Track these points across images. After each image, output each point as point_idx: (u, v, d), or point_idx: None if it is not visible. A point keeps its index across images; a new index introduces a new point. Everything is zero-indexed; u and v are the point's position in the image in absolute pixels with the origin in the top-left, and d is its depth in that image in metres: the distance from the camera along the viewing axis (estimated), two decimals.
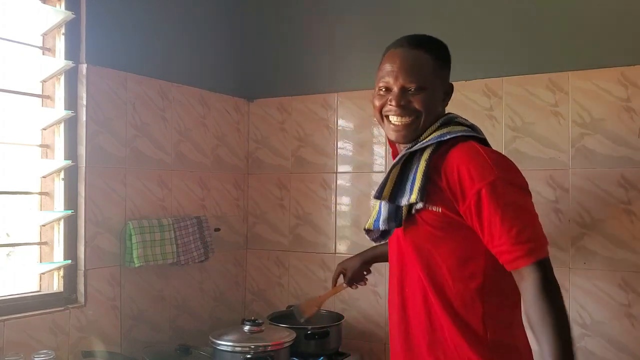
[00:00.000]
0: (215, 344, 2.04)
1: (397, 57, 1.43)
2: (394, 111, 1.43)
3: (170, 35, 2.42)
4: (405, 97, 1.42)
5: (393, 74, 1.42)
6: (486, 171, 1.30)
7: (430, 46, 1.45)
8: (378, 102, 1.46)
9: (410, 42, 1.45)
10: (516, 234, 1.26)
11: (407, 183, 1.39)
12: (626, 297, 2.02)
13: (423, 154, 1.39)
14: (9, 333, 1.79)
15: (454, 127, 1.42)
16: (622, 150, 2.04)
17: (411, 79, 1.41)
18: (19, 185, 2.05)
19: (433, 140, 1.39)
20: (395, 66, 1.42)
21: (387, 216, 1.42)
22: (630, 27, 2.04)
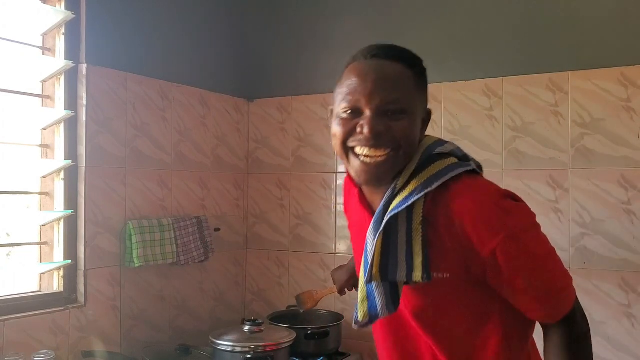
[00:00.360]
0: (215, 344, 2.04)
1: (370, 70, 1.09)
2: (365, 141, 1.07)
3: (170, 35, 2.42)
4: (382, 122, 1.07)
5: (366, 90, 1.07)
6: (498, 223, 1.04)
7: (410, 59, 1.14)
8: (342, 128, 1.09)
9: (387, 52, 1.12)
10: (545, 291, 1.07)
11: (399, 253, 1.09)
12: (626, 297, 2.02)
13: (412, 213, 1.08)
14: (9, 333, 1.79)
15: (439, 164, 1.10)
16: (622, 150, 2.04)
17: (392, 97, 1.07)
18: (19, 185, 2.05)
19: (420, 193, 1.06)
20: (369, 80, 1.08)
21: (386, 300, 1.11)
22: (630, 27, 2.04)
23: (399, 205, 1.08)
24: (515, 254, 1.04)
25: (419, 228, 1.07)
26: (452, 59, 2.34)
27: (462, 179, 1.09)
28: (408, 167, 1.11)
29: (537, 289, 1.07)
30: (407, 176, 1.11)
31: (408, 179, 1.10)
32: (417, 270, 1.07)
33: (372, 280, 1.10)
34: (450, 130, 2.30)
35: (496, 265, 1.05)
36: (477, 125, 2.27)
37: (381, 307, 1.11)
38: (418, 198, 1.06)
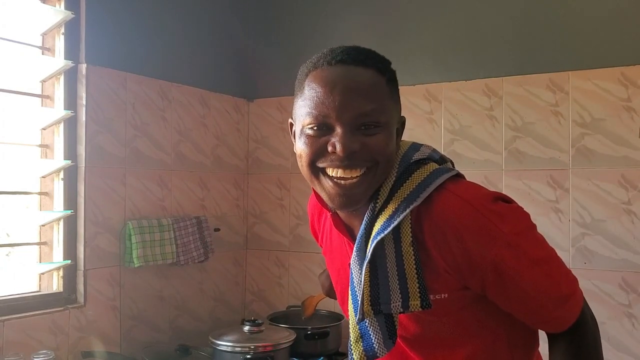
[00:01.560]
0: (215, 344, 2.04)
1: (337, 79, 0.94)
2: (339, 162, 0.94)
3: (170, 35, 2.42)
4: (356, 139, 0.94)
5: (334, 103, 0.93)
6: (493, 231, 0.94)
7: (381, 64, 1.00)
8: (309, 148, 0.97)
9: (354, 57, 0.98)
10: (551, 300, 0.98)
11: (391, 280, 0.97)
12: (626, 297, 2.02)
13: (400, 233, 0.97)
14: (9, 333, 1.79)
15: (420, 173, 0.99)
16: (622, 150, 2.03)
17: (365, 109, 0.93)
18: (19, 185, 2.05)
19: (405, 211, 0.95)
20: (337, 91, 0.93)
21: (382, 336, 1.00)
22: (630, 27, 2.04)
23: (383, 228, 0.96)
24: (514, 263, 0.94)
25: (410, 250, 0.96)
26: (452, 59, 2.34)
27: (446, 187, 0.97)
28: (386, 181, 1.00)
29: (541, 298, 0.97)
30: (386, 192, 0.99)
31: (388, 196, 0.99)
32: (415, 298, 0.96)
33: (365, 318, 0.99)
34: (450, 130, 2.30)
35: (496, 277, 0.95)
36: (477, 125, 2.27)
37: (378, 344, 1.00)
38: (404, 217, 0.95)
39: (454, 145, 2.30)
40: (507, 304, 1.00)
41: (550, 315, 0.99)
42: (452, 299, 1.00)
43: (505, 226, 0.94)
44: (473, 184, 1.03)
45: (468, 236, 0.94)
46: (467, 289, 0.99)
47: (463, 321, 1.04)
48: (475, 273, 0.96)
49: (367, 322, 1.00)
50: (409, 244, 0.96)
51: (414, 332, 1.06)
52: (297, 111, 1.00)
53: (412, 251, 0.96)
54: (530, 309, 0.99)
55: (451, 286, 0.99)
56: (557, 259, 1.03)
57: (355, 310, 1.00)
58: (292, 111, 1.02)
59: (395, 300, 0.97)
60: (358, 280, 1.00)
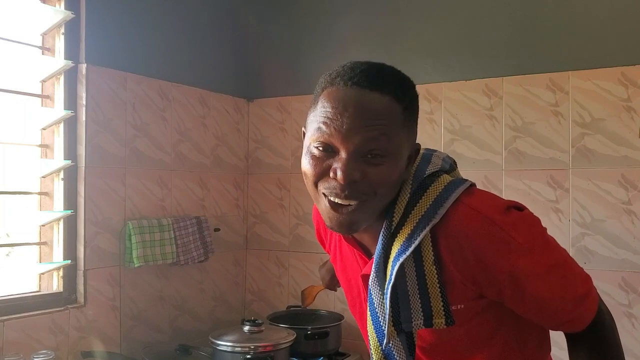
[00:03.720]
0: (215, 344, 2.04)
1: (349, 102, 0.92)
2: (339, 190, 0.93)
3: (170, 35, 2.42)
4: (359, 168, 0.92)
5: (343, 126, 0.91)
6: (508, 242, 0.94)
7: (400, 89, 0.96)
8: (313, 169, 0.96)
9: (371, 80, 0.93)
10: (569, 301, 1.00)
11: (412, 299, 0.97)
12: (626, 297, 2.02)
13: (421, 253, 0.96)
14: (9, 333, 1.79)
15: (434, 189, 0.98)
16: (622, 150, 2.04)
17: (373, 138, 0.91)
18: (19, 185, 2.05)
19: (424, 229, 0.95)
20: (347, 115, 0.91)
21: (404, 354, 1.00)
22: (630, 27, 2.04)
23: (403, 250, 0.96)
24: (530, 271, 0.95)
25: (433, 269, 0.95)
26: (452, 59, 2.34)
27: (461, 200, 0.97)
28: (400, 199, 0.99)
29: (559, 301, 0.98)
30: (401, 210, 0.98)
31: (403, 214, 0.98)
32: (439, 316, 0.96)
33: (390, 340, 0.98)
34: (451, 130, 2.30)
35: (513, 286, 0.95)
36: (477, 125, 2.27)
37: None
38: (424, 236, 0.95)
39: (453, 145, 2.30)
40: (525, 310, 1.00)
41: (568, 317, 1.01)
42: (468, 308, 1.00)
43: (519, 236, 0.94)
44: (486, 194, 1.03)
45: (485, 248, 0.94)
46: (482, 297, 1.00)
47: (476, 328, 1.04)
48: (492, 283, 0.96)
49: (391, 342, 1.00)
50: (432, 262, 0.96)
51: (430, 342, 1.06)
52: (308, 124, 0.99)
53: (435, 270, 0.96)
54: (548, 312, 1.00)
55: (467, 297, 0.99)
56: (569, 260, 1.03)
57: (376, 330, 1.01)
58: (306, 120, 1.01)
59: (416, 318, 0.97)
60: (379, 301, 0.99)
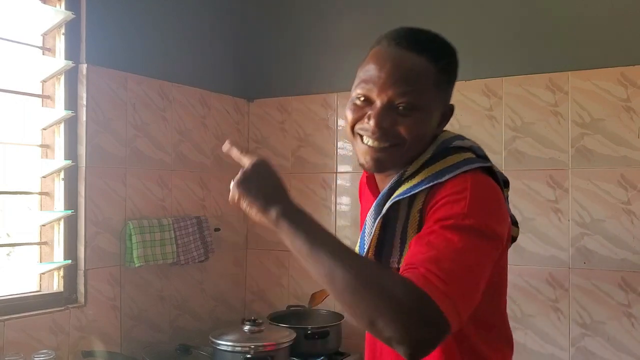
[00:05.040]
0: (215, 343, 2.04)
1: (388, 59, 1.05)
2: (370, 132, 1.06)
3: (170, 35, 2.42)
4: (389, 116, 1.05)
5: (379, 80, 1.04)
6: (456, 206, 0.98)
7: (437, 52, 1.08)
8: (352, 114, 1.09)
9: (410, 41, 1.06)
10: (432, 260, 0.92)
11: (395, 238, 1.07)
12: (626, 297, 2.02)
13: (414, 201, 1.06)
14: (9, 333, 1.79)
15: (451, 159, 1.08)
16: (621, 150, 2.04)
17: (404, 92, 1.03)
18: (19, 185, 2.06)
19: (428, 184, 1.04)
20: (385, 71, 1.04)
21: None
22: (630, 27, 2.04)
23: (403, 193, 1.06)
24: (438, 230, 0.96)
25: (417, 215, 1.05)
26: None
27: (469, 173, 1.04)
28: (422, 156, 1.10)
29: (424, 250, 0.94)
30: (418, 165, 1.09)
31: (419, 169, 1.09)
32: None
33: None
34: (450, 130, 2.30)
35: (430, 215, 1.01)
36: (477, 125, 2.27)
37: None
38: (424, 188, 1.05)
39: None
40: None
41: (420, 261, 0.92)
42: None
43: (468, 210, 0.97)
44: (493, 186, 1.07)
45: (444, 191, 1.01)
46: None
47: None
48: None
49: None
50: (417, 210, 1.05)
51: None
52: (356, 77, 1.10)
53: (418, 217, 1.05)
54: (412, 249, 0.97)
55: None
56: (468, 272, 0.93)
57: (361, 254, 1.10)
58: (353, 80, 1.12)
59: (394, 255, 1.07)
60: (369, 231, 1.11)
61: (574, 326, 2.09)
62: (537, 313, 2.14)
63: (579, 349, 2.07)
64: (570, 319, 2.10)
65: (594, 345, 2.06)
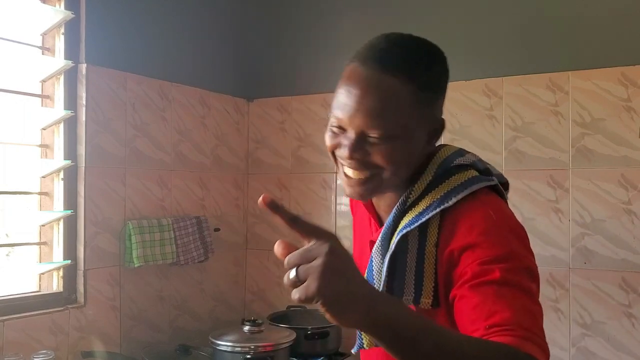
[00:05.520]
0: (215, 344, 2.04)
1: (358, 84, 0.94)
2: (346, 163, 0.98)
3: (170, 35, 2.42)
4: (361, 148, 0.95)
5: (349, 109, 0.94)
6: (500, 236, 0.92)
7: (416, 68, 0.96)
8: (329, 141, 1.01)
9: (383, 61, 0.94)
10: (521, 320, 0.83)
11: (407, 274, 0.99)
12: (626, 297, 2.02)
13: (427, 232, 0.98)
14: (9, 333, 1.79)
15: (458, 177, 0.99)
16: (622, 150, 2.03)
17: (375, 125, 0.93)
18: (19, 185, 2.05)
19: (435, 210, 0.96)
20: (355, 99, 0.94)
21: None
22: (630, 27, 2.04)
23: (410, 223, 0.98)
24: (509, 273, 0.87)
25: (433, 250, 0.96)
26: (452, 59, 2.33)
27: (479, 195, 0.97)
28: (423, 178, 1.01)
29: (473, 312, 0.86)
30: (420, 189, 1.00)
31: (422, 193, 1.00)
32: (427, 296, 0.96)
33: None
34: (450, 130, 2.30)
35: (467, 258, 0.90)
36: (477, 125, 2.27)
37: None
38: (432, 215, 0.96)
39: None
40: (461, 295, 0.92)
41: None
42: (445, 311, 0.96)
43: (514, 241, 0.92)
44: (506, 206, 1.01)
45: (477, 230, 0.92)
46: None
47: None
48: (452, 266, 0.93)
49: None
50: (433, 244, 0.97)
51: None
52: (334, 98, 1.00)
53: (435, 252, 0.96)
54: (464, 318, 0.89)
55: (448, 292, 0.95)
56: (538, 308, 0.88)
57: None
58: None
59: (408, 294, 0.98)
60: (378, 270, 1.02)
61: (574, 326, 2.08)
62: None
63: (580, 349, 2.07)
64: (570, 319, 2.09)
65: (594, 346, 2.06)
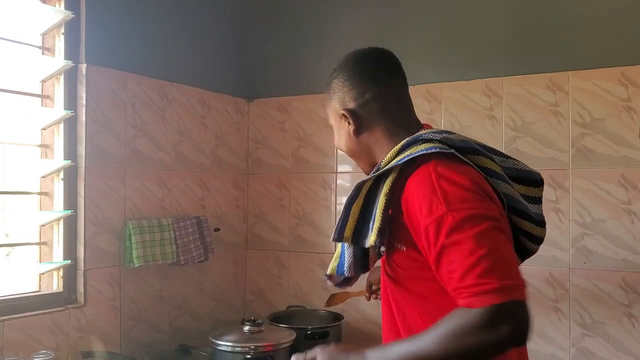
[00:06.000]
0: (215, 344, 2.04)
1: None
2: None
3: (170, 35, 2.42)
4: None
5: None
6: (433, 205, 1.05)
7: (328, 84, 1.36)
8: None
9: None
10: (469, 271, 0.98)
11: (370, 220, 1.17)
12: (626, 297, 2.02)
13: (382, 185, 1.16)
14: (9, 333, 1.79)
15: (412, 148, 1.16)
16: (622, 150, 2.04)
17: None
18: (19, 185, 2.05)
19: (386, 168, 1.17)
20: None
21: (353, 261, 1.23)
22: (630, 27, 2.04)
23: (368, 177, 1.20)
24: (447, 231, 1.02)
25: (383, 199, 1.14)
26: (452, 59, 2.34)
27: (433, 161, 1.12)
28: (390, 153, 1.20)
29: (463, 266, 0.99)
30: (391, 157, 1.19)
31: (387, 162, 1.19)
32: (373, 235, 1.14)
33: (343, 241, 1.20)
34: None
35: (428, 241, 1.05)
36: (477, 125, 2.27)
37: (347, 267, 1.24)
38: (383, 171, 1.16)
39: None
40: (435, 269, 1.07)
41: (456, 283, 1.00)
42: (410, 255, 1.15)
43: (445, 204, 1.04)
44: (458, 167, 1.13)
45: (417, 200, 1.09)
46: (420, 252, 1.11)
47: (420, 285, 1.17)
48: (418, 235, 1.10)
49: (344, 246, 1.24)
50: (384, 194, 1.14)
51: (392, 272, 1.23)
52: None
53: (384, 201, 1.14)
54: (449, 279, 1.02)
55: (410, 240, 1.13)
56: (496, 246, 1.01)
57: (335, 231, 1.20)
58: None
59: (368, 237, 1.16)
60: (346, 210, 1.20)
61: (574, 326, 2.09)
62: (537, 313, 2.13)
63: (580, 349, 2.07)
64: (570, 319, 2.10)
65: (594, 346, 2.06)
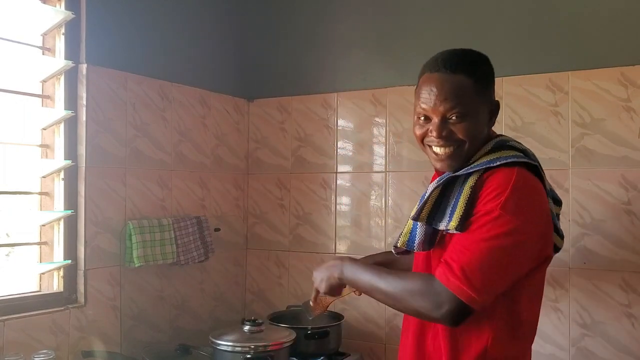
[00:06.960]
0: (215, 344, 2.04)
1: (434, 83, 1.36)
2: (435, 142, 1.37)
3: (170, 35, 2.42)
4: (446, 127, 1.35)
5: (431, 102, 1.36)
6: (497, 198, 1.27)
7: (470, 68, 1.38)
8: (418, 131, 1.41)
9: (447, 66, 1.37)
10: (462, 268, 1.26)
11: (448, 207, 1.34)
12: (626, 297, 2.02)
13: (469, 179, 1.34)
14: (9, 333, 1.79)
15: (504, 152, 1.36)
16: (622, 150, 2.04)
17: (452, 107, 1.34)
18: (19, 185, 2.06)
19: (480, 166, 1.34)
20: (434, 94, 1.36)
21: (423, 239, 1.39)
22: (630, 27, 2.04)
23: (461, 173, 1.36)
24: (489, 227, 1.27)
25: (468, 190, 1.31)
26: None
27: (514, 168, 1.31)
28: (482, 149, 1.38)
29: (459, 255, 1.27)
30: (479, 156, 1.38)
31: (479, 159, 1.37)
32: (455, 220, 1.30)
33: (419, 220, 1.36)
34: None
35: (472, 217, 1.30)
36: None
37: (418, 243, 1.40)
38: (477, 170, 1.34)
39: None
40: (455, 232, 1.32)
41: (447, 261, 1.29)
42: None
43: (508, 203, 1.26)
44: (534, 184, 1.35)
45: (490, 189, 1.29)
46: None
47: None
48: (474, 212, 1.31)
49: (419, 225, 1.39)
50: (469, 187, 1.32)
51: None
52: (415, 100, 1.42)
53: (469, 192, 1.31)
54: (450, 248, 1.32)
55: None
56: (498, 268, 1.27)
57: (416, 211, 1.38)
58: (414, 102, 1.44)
59: (443, 220, 1.34)
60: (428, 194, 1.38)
61: (574, 326, 2.09)
62: None
63: (579, 349, 2.07)
64: (570, 319, 2.10)
65: (594, 346, 2.06)
